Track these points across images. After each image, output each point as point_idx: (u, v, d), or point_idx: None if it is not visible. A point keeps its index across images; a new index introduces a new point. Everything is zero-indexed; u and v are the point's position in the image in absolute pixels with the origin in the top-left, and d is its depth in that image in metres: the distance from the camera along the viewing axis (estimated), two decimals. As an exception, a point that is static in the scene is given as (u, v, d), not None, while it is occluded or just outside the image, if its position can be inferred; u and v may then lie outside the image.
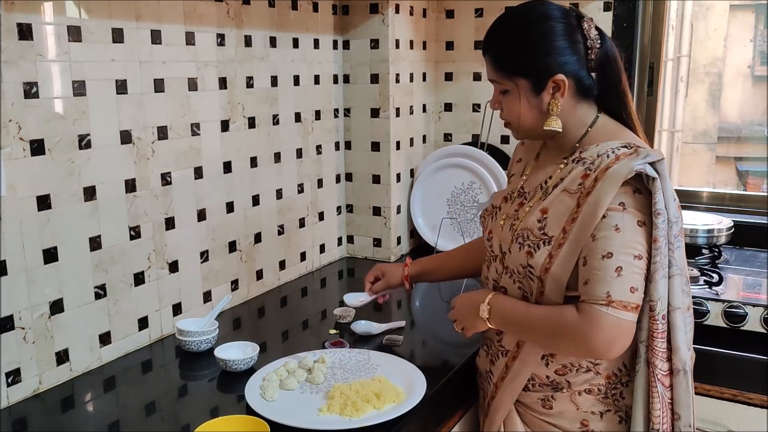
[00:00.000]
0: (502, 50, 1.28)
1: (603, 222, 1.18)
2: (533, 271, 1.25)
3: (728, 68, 3.57)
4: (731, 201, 2.30)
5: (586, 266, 1.20)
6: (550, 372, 1.30)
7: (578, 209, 1.21)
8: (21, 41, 1.29)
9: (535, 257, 1.24)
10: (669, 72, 2.38)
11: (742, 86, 3.69)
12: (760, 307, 1.63)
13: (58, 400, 1.38)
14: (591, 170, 1.23)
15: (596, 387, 1.29)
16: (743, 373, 1.60)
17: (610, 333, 1.16)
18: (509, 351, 1.34)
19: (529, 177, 1.37)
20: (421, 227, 2.34)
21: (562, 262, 1.22)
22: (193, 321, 1.62)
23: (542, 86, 1.25)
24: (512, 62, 1.26)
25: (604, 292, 1.16)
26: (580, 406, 1.30)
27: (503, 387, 1.35)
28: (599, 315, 1.16)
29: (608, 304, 1.16)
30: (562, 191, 1.25)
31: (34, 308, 1.37)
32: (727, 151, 3.70)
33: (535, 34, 1.25)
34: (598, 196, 1.18)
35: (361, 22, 2.17)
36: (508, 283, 1.33)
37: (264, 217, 1.97)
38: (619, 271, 1.16)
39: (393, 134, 2.22)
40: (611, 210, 1.18)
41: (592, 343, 1.18)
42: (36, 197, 1.35)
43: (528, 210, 1.30)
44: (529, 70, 1.25)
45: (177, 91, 1.63)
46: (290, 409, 1.28)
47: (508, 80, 1.27)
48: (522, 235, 1.28)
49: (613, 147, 1.24)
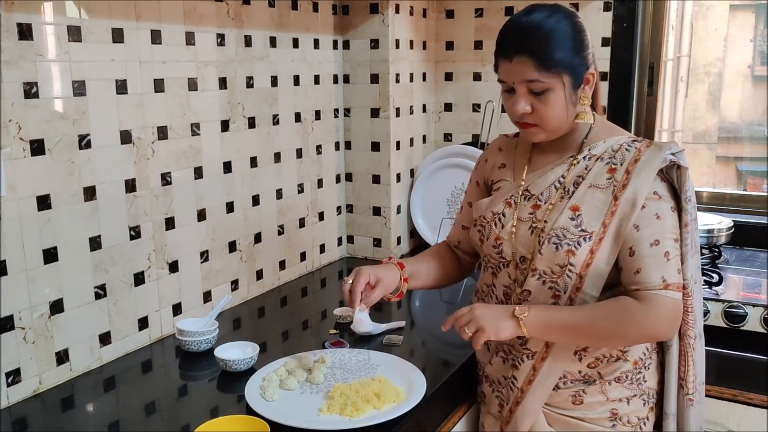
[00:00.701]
0: (546, 48, 1.25)
1: (643, 212, 1.25)
2: (573, 269, 1.27)
3: (728, 68, 3.57)
4: (731, 201, 2.30)
5: (634, 256, 1.25)
6: (582, 366, 1.32)
7: (616, 202, 1.26)
8: (21, 41, 1.29)
9: (577, 255, 1.26)
10: (669, 72, 2.38)
11: (742, 86, 3.69)
12: (760, 307, 1.63)
13: (58, 400, 1.38)
14: (616, 164, 1.29)
15: (624, 374, 1.33)
16: (743, 373, 1.60)
17: (673, 314, 1.25)
18: (536, 353, 1.33)
19: (530, 179, 1.37)
20: (421, 227, 2.34)
21: (605, 256, 1.26)
22: (193, 321, 1.62)
23: (580, 81, 1.29)
24: (557, 58, 1.25)
25: (659, 277, 1.23)
26: (609, 395, 1.33)
27: (531, 390, 1.33)
28: (662, 300, 1.23)
29: (666, 288, 1.23)
30: (589, 187, 1.29)
31: (34, 308, 1.37)
32: (727, 151, 3.70)
33: (572, 30, 1.27)
34: (636, 187, 1.25)
35: (361, 22, 2.17)
36: (534, 285, 1.31)
37: (264, 217, 1.97)
38: (667, 255, 1.24)
39: (393, 134, 2.22)
40: (649, 200, 1.25)
41: (659, 327, 1.25)
42: (36, 197, 1.35)
43: (550, 210, 1.31)
44: (574, 65, 1.27)
45: (177, 91, 1.63)
46: (290, 409, 1.28)
47: (553, 77, 1.25)
48: (556, 235, 1.29)
49: (624, 141, 1.32)
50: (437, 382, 1.40)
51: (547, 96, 1.27)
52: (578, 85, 1.29)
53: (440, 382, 1.41)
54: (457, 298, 1.95)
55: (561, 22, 1.27)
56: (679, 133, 2.63)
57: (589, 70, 1.29)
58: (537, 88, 1.27)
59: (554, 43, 1.26)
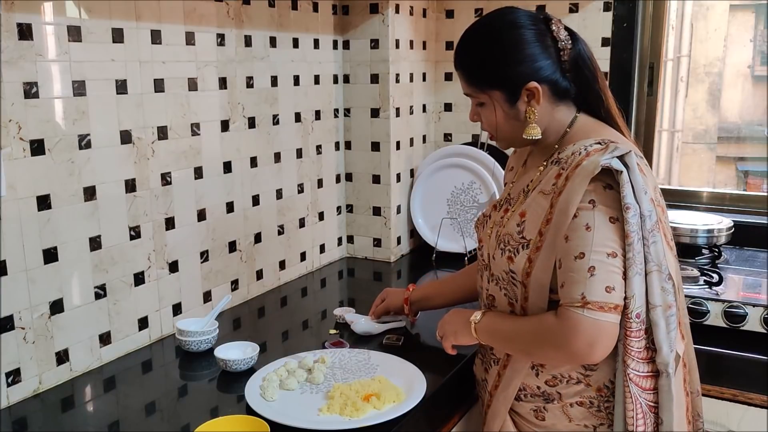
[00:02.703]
0: (474, 64, 1.27)
1: (574, 222, 1.16)
2: (516, 277, 1.24)
3: (728, 68, 3.57)
4: (731, 201, 2.30)
5: (561, 268, 1.17)
6: (540, 382, 1.28)
7: (551, 210, 1.19)
8: (21, 41, 1.29)
9: (516, 262, 1.23)
10: (669, 72, 2.38)
11: (742, 86, 3.69)
12: (760, 307, 1.63)
13: (58, 400, 1.38)
14: (564, 169, 1.21)
15: (588, 399, 1.25)
16: (743, 373, 1.60)
17: (589, 335, 1.13)
18: (500, 359, 1.33)
19: (515, 183, 1.37)
20: (421, 227, 2.34)
21: (542, 265, 1.20)
22: (193, 321, 1.62)
23: (517, 96, 1.24)
24: (484, 75, 1.25)
25: (578, 293, 1.13)
26: (573, 418, 1.27)
27: (497, 395, 1.33)
28: (577, 318, 1.13)
29: (584, 306, 1.13)
30: (538, 193, 1.24)
31: (34, 308, 1.37)
32: (727, 151, 3.70)
33: (505, 44, 1.23)
34: (568, 195, 1.16)
35: (361, 22, 2.17)
36: (495, 290, 1.31)
37: (264, 217, 1.97)
38: (591, 271, 1.13)
39: (393, 134, 2.22)
40: (581, 209, 1.15)
41: (572, 347, 1.15)
42: (36, 197, 1.35)
43: (510, 215, 1.30)
44: (502, 82, 1.24)
45: (177, 91, 1.63)
46: (290, 409, 1.28)
47: (482, 93, 1.27)
48: (503, 240, 1.27)
49: (586, 144, 1.22)
50: (437, 382, 1.40)
51: (483, 109, 1.29)
52: (515, 100, 1.24)
53: (440, 382, 1.41)
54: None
55: (499, 35, 1.24)
56: (679, 133, 2.63)
57: (528, 84, 1.22)
58: (475, 102, 1.30)
59: (483, 59, 1.25)
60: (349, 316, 1.69)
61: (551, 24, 1.25)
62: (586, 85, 1.28)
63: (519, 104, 1.25)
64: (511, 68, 1.23)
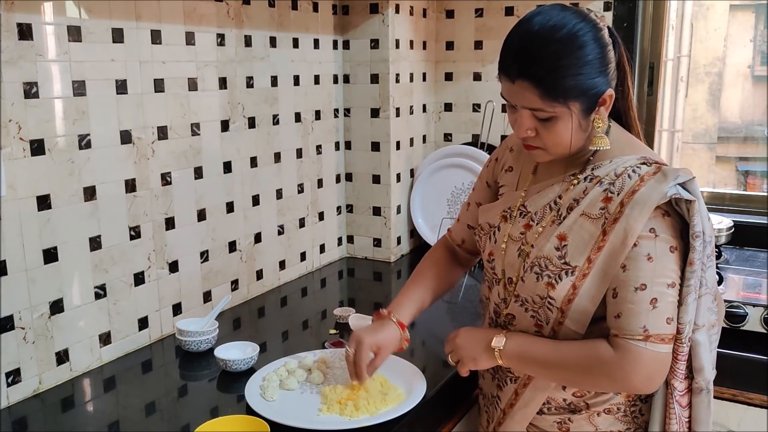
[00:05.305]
0: (552, 74, 1.08)
1: (634, 251, 1.10)
2: (553, 303, 1.16)
3: (728, 68, 3.57)
4: (731, 201, 2.31)
5: (617, 298, 1.12)
6: (567, 395, 1.23)
7: (604, 237, 1.12)
8: (21, 41, 1.29)
9: (557, 289, 1.15)
10: (669, 72, 2.38)
11: (742, 86, 3.69)
12: (760, 307, 1.63)
13: (58, 400, 1.38)
14: (613, 192, 1.14)
15: (615, 406, 1.22)
16: (743, 373, 1.60)
17: (651, 369, 1.11)
18: (519, 378, 1.25)
19: (530, 194, 1.26)
20: (421, 227, 2.34)
21: (589, 293, 1.14)
22: (193, 321, 1.62)
23: (594, 106, 1.13)
24: (566, 87, 1.09)
25: (640, 326, 1.09)
26: (599, 426, 1.23)
27: (512, 414, 1.27)
28: (638, 351, 1.10)
29: (646, 339, 1.10)
30: (580, 215, 1.15)
31: (34, 308, 1.37)
32: (727, 151, 3.70)
33: (592, 48, 1.09)
34: (628, 223, 1.10)
35: (361, 22, 2.17)
36: (518, 311, 1.23)
37: (264, 217, 1.97)
38: (654, 303, 1.10)
39: (393, 134, 2.22)
40: (642, 238, 1.10)
41: (632, 381, 1.12)
42: (36, 197, 1.35)
43: (539, 234, 1.20)
44: (585, 91, 1.10)
45: (177, 91, 1.63)
46: (290, 409, 1.28)
47: (560, 105, 1.10)
48: (538, 264, 1.18)
49: (631, 164, 1.15)
50: (437, 382, 1.40)
51: (553, 124, 1.13)
52: (592, 110, 1.13)
53: (440, 382, 1.41)
54: (458, 298, 1.95)
55: (575, 40, 1.08)
56: (679, 133, 2.63)
57: (607, 91, 1.12)
58: (541, 116, 1.12)
59: (564, 69, 1.08)
60: (354, 321, 1.66)
61: (600, 25, 1.13)
62: (620, 87, 1.19)
63: (594, 113, 1.14)
64: (592, 78, 1.10)
